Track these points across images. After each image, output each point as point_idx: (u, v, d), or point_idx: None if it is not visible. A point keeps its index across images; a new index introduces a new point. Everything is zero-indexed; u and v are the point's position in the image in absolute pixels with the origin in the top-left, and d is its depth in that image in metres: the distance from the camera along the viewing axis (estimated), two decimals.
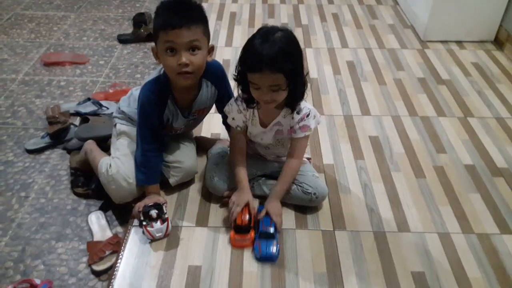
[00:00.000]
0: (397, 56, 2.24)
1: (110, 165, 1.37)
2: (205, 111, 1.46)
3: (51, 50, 2.36)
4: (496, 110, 1.85)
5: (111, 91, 2.02)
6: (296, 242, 1.28)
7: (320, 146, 1.64)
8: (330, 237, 1.30)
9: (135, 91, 1.46)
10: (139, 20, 2.45)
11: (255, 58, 1.13)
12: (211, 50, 1.30)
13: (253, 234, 1.28)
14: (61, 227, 1.41)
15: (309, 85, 1.27)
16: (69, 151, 1.67)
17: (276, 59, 1.11)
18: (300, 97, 1.25)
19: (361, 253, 1.25)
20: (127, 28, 2.56)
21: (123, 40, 2.46)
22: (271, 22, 2.51)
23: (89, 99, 1.91)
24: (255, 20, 2.57)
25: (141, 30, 2.45)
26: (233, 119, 1.34)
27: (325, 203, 1.40)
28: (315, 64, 2.16)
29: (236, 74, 1.23)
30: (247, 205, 1.31)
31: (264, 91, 1.17)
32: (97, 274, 1.27)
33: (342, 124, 1.76)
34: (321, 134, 1.70)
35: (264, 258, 1.23)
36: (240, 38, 2.37)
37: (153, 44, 1.27)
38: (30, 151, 1.69)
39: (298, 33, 2.37)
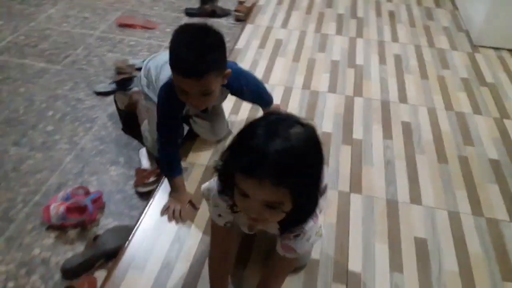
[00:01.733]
0: (445, 56, 2.29)
1: (146, 138, 1.56)
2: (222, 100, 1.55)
3: (126, 14, 2.64)
4: None
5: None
6: None
7: (352, 123, 1.76)
8: (345, 197, 1.42)
9: (152, 64, 1.56)
10: None
11: (255, 156, 0.73)
12: (227, 75, 1.24)
13: None
14: (115, 155, 1.64)
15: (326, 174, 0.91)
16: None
17: (288, 167, 0.73)
18: (303, 221, 0.88)
19: (371, 215, 1.37)
20: (195, 4, 2.79)
21: (189, 13, 2.69)
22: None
23: None
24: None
25: (207, 6, 2.67)
26: (219, 216, 0.98)
27: (346, 170, 1.53)
28: (363, 53, 2.26)
29: (219, 166, 0.84)
30: None
31: (254, 205, 0.78)
32: (140, 195, 1.49)
33: (378, 107, 1.86)
34: (356, 114, 1.81)
35: None
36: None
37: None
38: (98, 93, 1.95)
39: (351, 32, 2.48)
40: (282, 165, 0.72)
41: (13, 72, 2.06)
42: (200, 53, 1.13)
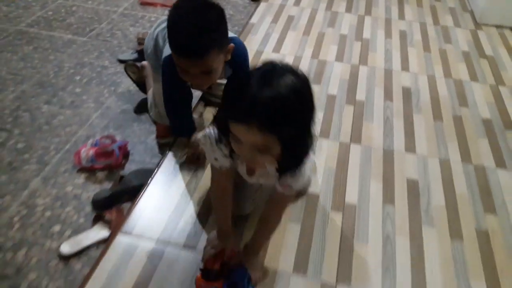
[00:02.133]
0: (448, 32, 2.41)
1: (151, 108, 1.66)
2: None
3: None
4: None
5: None
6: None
7: (356, 87, 1.89)
8: (345, 147, 1.57)
9: (160, 33, 1.50)
10: None
11: (245, 103, 0.78)
12: (230, 50, 1.21)
13: (221, 284, 1.11)
14: (138, 114, 1.81)
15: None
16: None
17: (273, 113, 0.77)
18: (297, 165, 0.94)
19: (368, 161, 1.51)
20: None
21: None
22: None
23: None
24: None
25: None
26: (215, 159, 1.04)
27: (347, 125, 1.67)
28: (370, 28, 2.39)
29: (216, 114, 0.95)
30: (222, 251, 1.15)
31: (246, 149, 0.85)
32: (160, 146, 1.66)
33: (381, 75, 1.99)
34: (360, 79, 1.95)
35: None
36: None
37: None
38: (121, 61, 2.12)
39: None
40: (269, 112, 0.76)
41: (43, 42, 2.25)
42: (199, 32, 1.09)
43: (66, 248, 1.25)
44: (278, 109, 0.76)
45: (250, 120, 0.77)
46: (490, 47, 2.28)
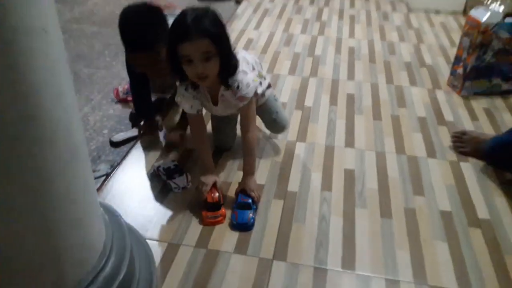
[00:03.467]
0: (387, 17, 3.02)
1: None
2: None
3: None
4: (440, 39, 2.71)
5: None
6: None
7: (305, 95, 2.07)
8: (292, 145, 1.72)
9: None
10: None
11: (183, 28, 1.17)
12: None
13: (223, 210, 1.36)
14: None
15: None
16: None
17: (202, 25, 1.17)
18: (232, 72, 1.30)
19: (311, 156, 1.67)
20: None
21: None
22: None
23: None
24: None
25: None
26: (191, 106, 1.38)
27: (295, 126, 1.82)
28: (322, 46, 2.60)
29: (167, 53, 1.25)
30: (214, 184, 1.39)
31: (196, 63, 1.20)
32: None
33: (328, 84, 2.17)
34: (309, 89, 2.12)
35: (239, 225, 1.32)
36: (267, 26, 2.84)
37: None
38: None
39: None
40: (199, 25, 1.17)
41: (74, 32, 2.76)
42: (141, 28, 1.38)
43: (115, 138, 1.76)
44: (204, 20, 1.18)
45: (190, 35, 1.16)
46: (417, 22, 3.00)
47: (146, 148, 1.71)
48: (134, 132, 1.79)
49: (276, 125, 1.65)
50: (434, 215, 1.41)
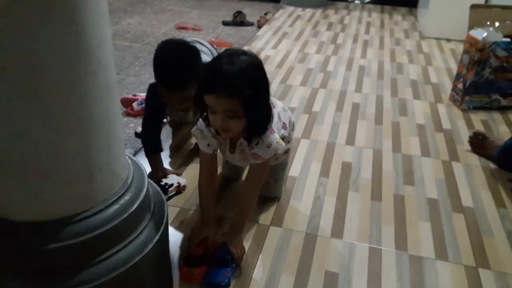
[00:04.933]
0: (399, 42, 3.24)
1: None
2: None
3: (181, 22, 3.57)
4: (447, 63, 2.93)
5: (214, 39, 3.12)
6: None
7: (314, 101, 2.24)
8: (296, 142, 1.87)
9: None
10: (236, 13, 3.55)
11: (213, 78, 1.06)
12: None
13: (203, 270, 1.19)
14: None
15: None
16: None
17: (234, 81, 1.03)
18: (261, 131, 1.17)
19: (313, 150, 1.82)
20: (228, 17, 3.65)
21: (225, 23, 3.55)
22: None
23: None
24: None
25: (237, 18, 3.50)
26: (208, 145, 1.25)
27: (301, 127, 1.99)
28: (333, 64, 2.79)
29: (195, 96, 1.16)
30: (205, 239, 1.25)
31: (219, 116, 1.08)
32: None
33: (336, 95, 2.35)
34: (318, 98, 2.30)
35: (211, 284, 1.17)
36: (284, 46, 3.09)
37: None
38: None
39: None
40: (231, 80, 1.03)
41: None
42: (176, 66, 1.38)
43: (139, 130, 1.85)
44: (238, 77, 1.03)
45: (218, 89, 1.04)
46: (428, 48, 3.18)
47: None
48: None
49: (267, 189, 1.49)
50: (421, 201, 1.54)
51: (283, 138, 1.28)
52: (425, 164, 1.74)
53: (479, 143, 1.82)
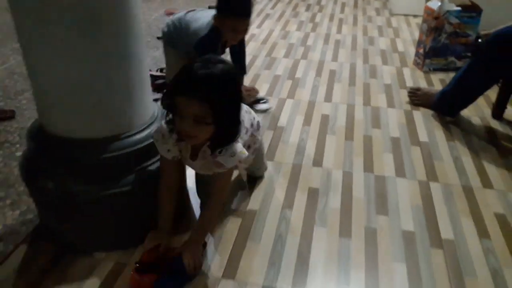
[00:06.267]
0: (371, 20, 3.53)
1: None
2: None
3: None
4: (413, 35, 3.16)
5: None
6: None
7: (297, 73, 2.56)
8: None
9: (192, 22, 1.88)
10: None
11: (187, 80, 1.04)
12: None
13: (153, 278, 1.14)
14: None
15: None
16: None
17: (207, 86, 1.02)
18: (227, 143, 1.14)
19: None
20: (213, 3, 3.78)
21: (211, 7, 3.58)
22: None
23: None
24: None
25: None
26: (168, 150, 1.19)
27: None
28: (312, 40, 3.11)
29: (165, 97, 1.12)
30: (158, 246, 1.20)
31: (186, 121, 1.05)
32: None
33: (315, 64, 2.67)
34: (299, 69, 2.62)
35: None
36: (267, 26, 3.40)
37: None
38: (158, 38, 2.92)
39: None
40: (204, 86, 1.01)
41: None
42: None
43: None
44: (211, 84, 1.02)
45: (190, 93, 1.02)
46: (397, 24, 3.46)
47: None
48: None
49: (255, 174, 1.60)
50: (386, 139, 1.87)
51: (248, 147, 1.34)
52: (390, 113, 2.08)
53: (415, 95, 2.17)
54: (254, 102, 2.11)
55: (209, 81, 1.03)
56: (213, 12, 1.80)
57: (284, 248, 1.33)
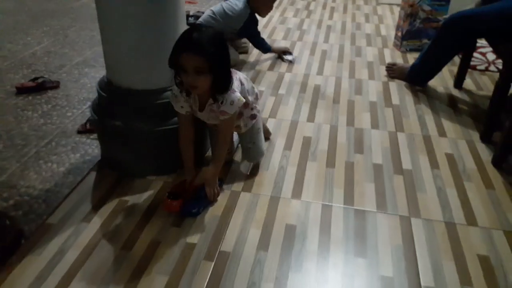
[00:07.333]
0: (360, 8, 3.91)
1: None
2: None
3: None
4: (395, 21, 3.21)
5: None
6: None
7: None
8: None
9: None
10: None
11: (185, 40, 1.32)
12: None
13: (180, 202, 1.50)
14: None
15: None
16: None
17: (201, 42, 1.30)
18: (223, 90, 1.42)
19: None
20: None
21: None
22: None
23: None
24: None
25: None
26: (182, 107, 1.50)
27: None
28: (307, 24, 3.54)
29: (171, 57, 1.36)
30: (184, 181, 1.58)
31: (189, 74, 1.32)
32: None
33: (310, 46, 3.10)
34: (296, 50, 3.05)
35: (184, 212, 1.51)
36: None
37: None
38: None
39: None
40: (199, 42, 1.30)
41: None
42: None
43: None
44: (204, 40, 1.31)
45: (188, 48, 1.31)
46: (383, 12, 3.61)
47: None
48: None
49: (249, 153, 1.74)
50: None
51: (252, 109, 1.64)
52: (371, 84, 2.53)
53: (392, 69, 2.62)
54: (283, 52, 2.87)
55: (203, 39, 1.32)
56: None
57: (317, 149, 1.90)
